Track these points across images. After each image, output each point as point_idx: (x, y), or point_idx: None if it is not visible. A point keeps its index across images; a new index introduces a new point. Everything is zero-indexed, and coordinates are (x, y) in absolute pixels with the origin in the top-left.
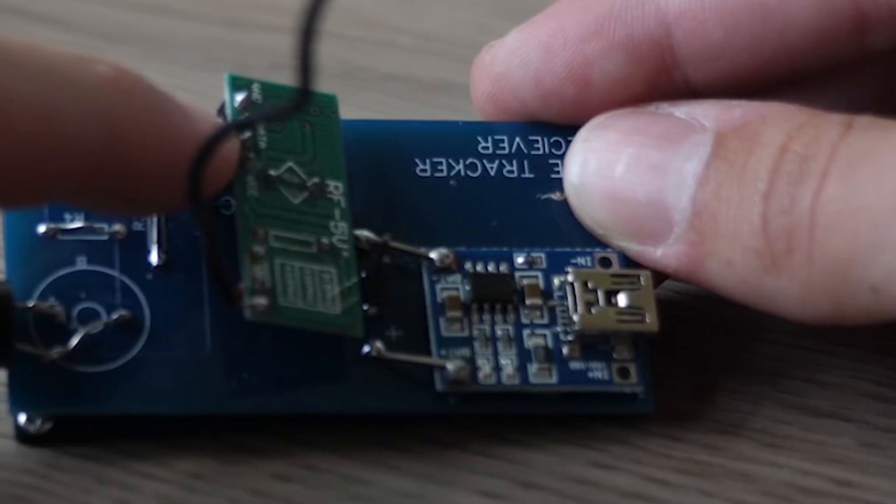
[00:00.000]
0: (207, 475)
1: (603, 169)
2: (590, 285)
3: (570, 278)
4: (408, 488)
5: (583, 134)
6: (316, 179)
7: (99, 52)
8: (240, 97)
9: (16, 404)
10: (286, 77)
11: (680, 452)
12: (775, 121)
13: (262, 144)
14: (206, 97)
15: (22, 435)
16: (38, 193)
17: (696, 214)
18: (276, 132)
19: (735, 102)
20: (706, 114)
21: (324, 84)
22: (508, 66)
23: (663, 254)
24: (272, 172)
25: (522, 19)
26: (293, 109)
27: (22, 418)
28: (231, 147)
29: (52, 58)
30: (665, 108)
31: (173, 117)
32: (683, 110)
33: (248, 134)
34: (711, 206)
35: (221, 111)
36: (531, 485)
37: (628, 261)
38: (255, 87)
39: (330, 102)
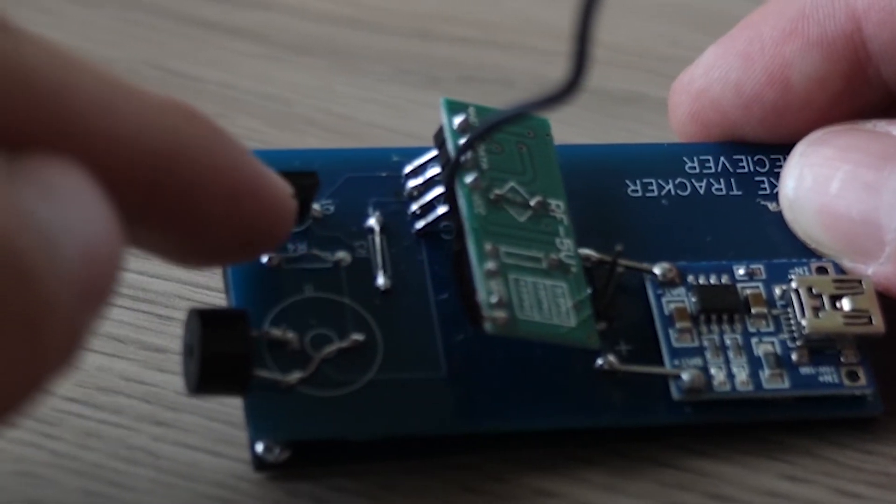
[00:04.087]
0: (398, 486)
1: (818, 184)
2: (814, 291)
3: (794, 285)
4: (597, 500)
5: (800, 148)
6: (538, 198)
7: (289, 64)
8: (458, 120)
9: (257, 433)
10: (475, 89)
11: (871, 465)
12: None
13: (484, 165)
14: (396, 109)
15: (260, 464)
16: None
17: None
18: (495, 153)
19: None
20: None
21: (516, 97)
22: (708, 80)
23: (874, 272)
24: (497, 192)
25: (713, 31)
26: (557, 100)
27: (259, 447)
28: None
29: (110, 72)
30: (883, 126)
31: (233, 145)
32: None
33: (469, 155)
34: None
35: (439, 135)
36: (721, 497)
37: (843, 271)
38: (471, 111)
39: (543, 125)
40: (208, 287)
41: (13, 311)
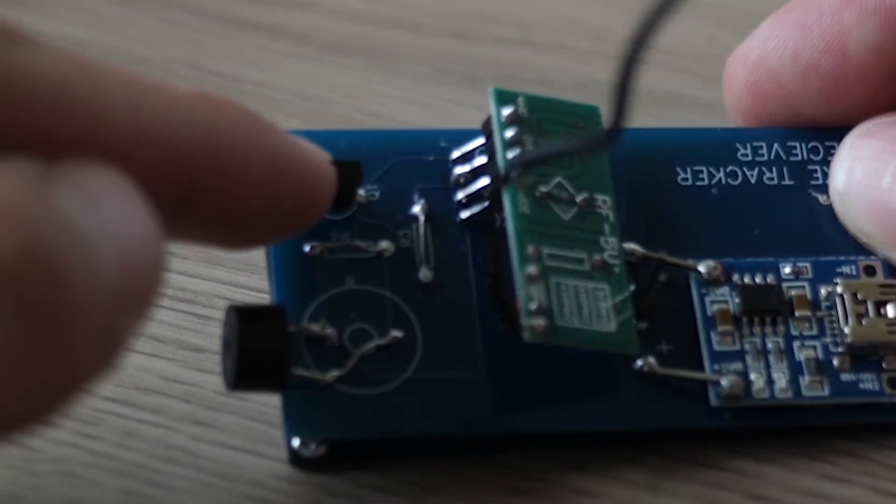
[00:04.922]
0: (435, 486)
1: (869, 178)
2: (859, 297)
3: (839, 290)
4: (637, 500)
5: (849, 140)
6: (585, 194)
7: (328, 64)
8: (506, 111)
9: (293, 429)
10: (513, 89)
11: None
12: None
13: None
14: (434, 109)
15: (296, 460)
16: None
17: None
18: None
19: None
20: None
21: (555, 96)
22: (765, 50)
23: None
24: (542, 189)
25: (750, 31)
26: (600, 145)
27: (296, 442)
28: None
29: (135, 73)
30: None
31: (267, 131)
32: None
33: (516, 151)
34: None
35: (487, 125)
36: (762, 497)
37: (891, 269)
38: (521, 101)
39: (593, 114)
40: (248, 286)
41: (46, 314)
